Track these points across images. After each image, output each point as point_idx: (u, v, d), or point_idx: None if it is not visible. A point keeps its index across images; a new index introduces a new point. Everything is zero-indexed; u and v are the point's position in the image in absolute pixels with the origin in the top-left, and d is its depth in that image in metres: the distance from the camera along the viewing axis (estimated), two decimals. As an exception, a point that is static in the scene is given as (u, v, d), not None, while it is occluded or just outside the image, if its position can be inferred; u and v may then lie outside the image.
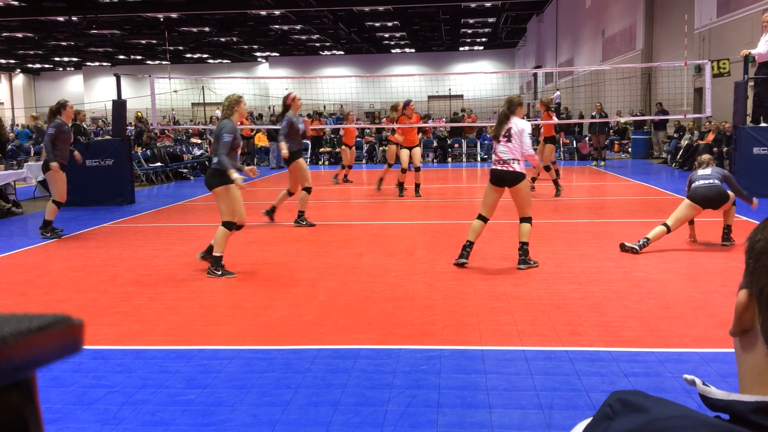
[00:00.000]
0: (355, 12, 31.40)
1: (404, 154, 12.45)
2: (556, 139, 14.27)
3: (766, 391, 0.64)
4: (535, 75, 38.81)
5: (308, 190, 9.33)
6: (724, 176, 7.23)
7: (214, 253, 6.50)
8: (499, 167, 6.36)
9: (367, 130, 23.47)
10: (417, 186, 12.47)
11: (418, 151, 12.61)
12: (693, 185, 7.21)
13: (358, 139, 22.62)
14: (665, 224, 7.12)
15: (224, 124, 6.50)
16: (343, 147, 15.73)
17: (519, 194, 6.39)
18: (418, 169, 12.47)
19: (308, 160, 21.65)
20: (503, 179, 6.36)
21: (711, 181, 7.10)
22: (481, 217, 6.52)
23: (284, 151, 9.02)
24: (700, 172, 7.29)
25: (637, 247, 6.97)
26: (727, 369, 3.81)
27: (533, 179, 12.30)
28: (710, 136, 15.32)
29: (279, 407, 3.48)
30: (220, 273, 6.41)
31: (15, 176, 11.95)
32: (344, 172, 15.67)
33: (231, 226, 6.56)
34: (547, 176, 12.43)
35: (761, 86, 11.42)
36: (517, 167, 6.31)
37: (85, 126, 14.52)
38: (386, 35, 40.42)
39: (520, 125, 6.39)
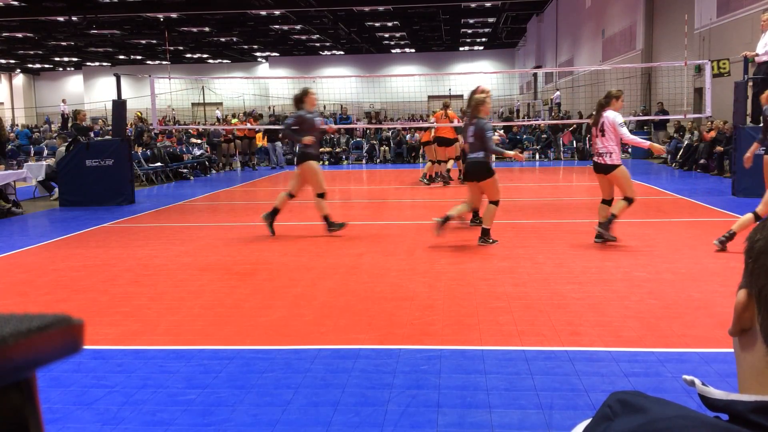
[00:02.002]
0: (355, 12, 31.40)
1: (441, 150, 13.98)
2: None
3: (766, 391, 0.64)
4: (535, 75, 38.81)
5: (322, 196, 8.44)
6: None
7: (485, 226, 7.53)
8: (596, 159, 7.34)
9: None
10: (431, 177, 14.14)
11: (452, 148, 14.12)
12: None
13: (358, 139, 22.64)
14: (754, 212, 6.78)
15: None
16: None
17: (617, 181, 7.25)
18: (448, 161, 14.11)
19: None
20: (599, 169, 7.32)
21: None
22: (604, 201, 7.46)
23: (307, 139, 8.07)
24: None
25: (720, 243, 6.89)
26: (727, 369, 3.81)
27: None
28: (711, 134, 15.30)
29: (279, 407, 3.48)
30: (491, 241, 7.51)
31: (15, 176, 11.95)
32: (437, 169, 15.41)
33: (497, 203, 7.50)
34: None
35: (761, 86, 11.42)
36: (609, 160, 7.19)
37: (85, 125, 14.50)
38: (386, 35, 40.41)
39: (610, 118, 7.17)
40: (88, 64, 48.45)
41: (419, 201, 11.99)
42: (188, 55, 45.16)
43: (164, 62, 45.48)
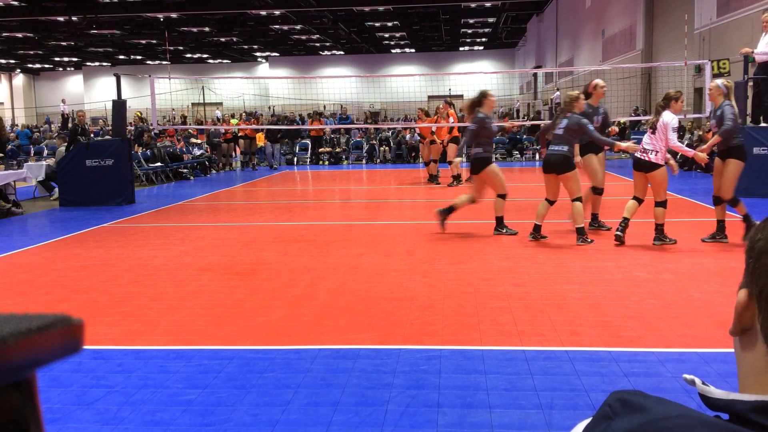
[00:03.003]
0: (355, 12, 31.40)
1: (451, 148, 14.00)
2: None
3: (766, 391, 0.64)
4: (535, 75, 38.81)
5: (503, 197, 8.17)
6: None
7: (578, 226, 7.51)
8: (639, 155, 7.23)
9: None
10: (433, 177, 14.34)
11: (452, 147, 14.18)
12: None
13: (358, 139, 22.64)
14: None
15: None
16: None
17: (654, 180, 7.21)
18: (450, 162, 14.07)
19: (308, 160, 21.68)
20: (640, 165, 7.22)
21: None
22: (636, 199, 7.37)
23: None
24: None
25: None
26: (727, 369, 3.81)
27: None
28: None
29: (279, 407, 3.48)
30: (589, 241, 7.46)
31: (15, 176, 11.95)
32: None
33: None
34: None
35: (761, 86, 11.42)
36: (653, 158, 7.13)
37: (86, 126, 14.50)
38: (386, 35, 40.42)
39: (665, 119, 7.18)
40: (88, 64, 48.45)
41: (419, 201, 11.99)
42: (188, 55, 45.16)
43: (164, 62, 45.48)
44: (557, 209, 8.33)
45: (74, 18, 28.86)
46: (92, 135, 15.38)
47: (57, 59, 46.45)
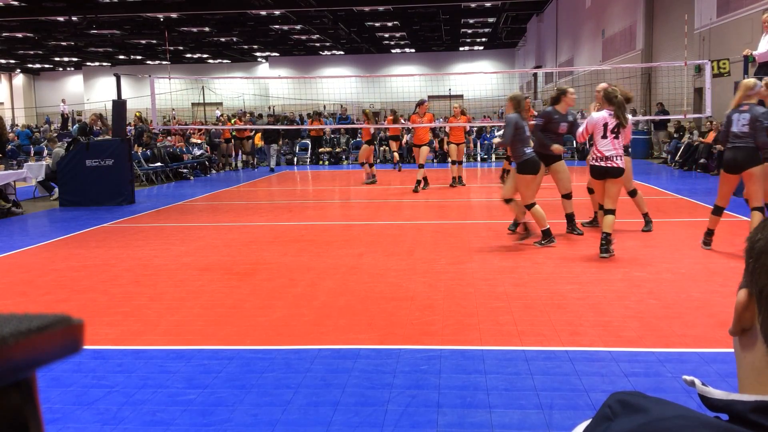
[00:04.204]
0: (355, 12, 31.40)
1: (423, 151, 13.37)
2: None
3: (766, 391, 0.64)
4: (535, 75, 38.81)
5: (568, 196, 8.16)
6: None
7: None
8: (602, 164, 6.72)
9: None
10: (417, 183, 12.93)
11: (424, 150, 13.45)
12: None
13: (358, 139, 22.64)
14: None
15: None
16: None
17: (617, 186, 6.81)
18: (421, 166, 13.21)
19: (308, 160, 21.68)
20: (609, 173, 6.75)
21: None
22: (607, 210, 6.80)
23: (556, 147, 7.84)
24: None
25: None
26: (727, 369, 3.81)
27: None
28: (711, 135, 15.31)
29: (279, 407, 3.48)
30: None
31: (15, 176, 11.95)
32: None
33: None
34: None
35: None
36: (620, 162, 6.76)
37: (92, 127, 14.52)
38: (386, 35, 40.41)
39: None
40: (88, 64, 48.44)
41: (419, 201, 11.99)
42: (188, 55, 45.15)
43: (164, 62, 45.48)
44: (554, 209, 8.33)
45: (74, 18, 28.86)
46: (91, 135, 15.39)
47: (57, 59, 46.44)
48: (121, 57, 44.55)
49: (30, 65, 48.52)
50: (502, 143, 7.90)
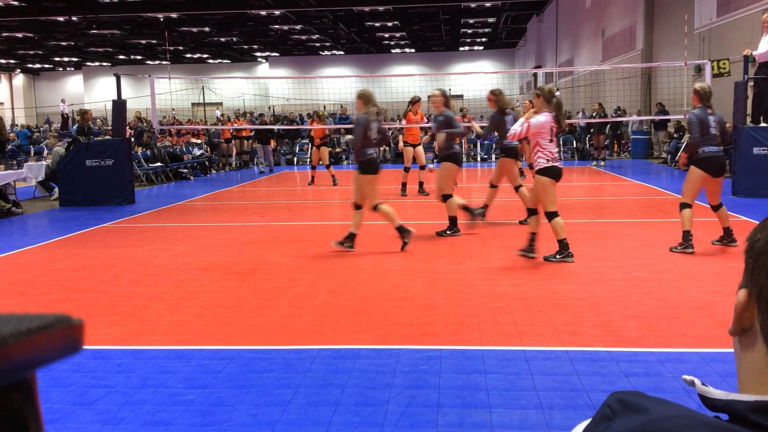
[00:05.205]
0: (355, 12, 31.39)
1: (408, 152, 12.61)
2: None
3: (765, 391, 0.64)
4: (535, 75, 38.79)
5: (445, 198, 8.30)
6: None
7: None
8: (558, 164, 6.70)
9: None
10: (421, 184, 12.73)
11: (420, 150, 12.78)
12: None
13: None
14: None
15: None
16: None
17: (555, 188, 6.79)
18: (423, 167, 12.59)
19: (308, 160, 21.67)
20: (561, 174, 6.76)
21: None
22: (556, 214, 6.69)
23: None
24: None
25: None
26: (727, 369, 3.81)
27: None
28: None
29: (279, 407, 3.48)
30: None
31: (15, 176, 11.95)
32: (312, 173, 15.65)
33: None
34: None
35: (761, 86, 11.42)
36: (560, 165, 6.81)
37: (91, 125, 14.52)
38: (386, 35, 40.41)
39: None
40: (88, 64, 48.44)
41: (419, 201, 11.98)
42: (188, 55, 45.14)
43: (164, 62, 45.48)
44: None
45: (74, 18, 28.86)
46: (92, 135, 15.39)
47: (57, 59, 46.44)
48: (121, 57, 44.56)
49: (30, 65, 48.53)
50: (353, 144, 7.74)
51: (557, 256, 6.65)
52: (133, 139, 15.93)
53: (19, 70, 49.74)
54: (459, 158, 8.19)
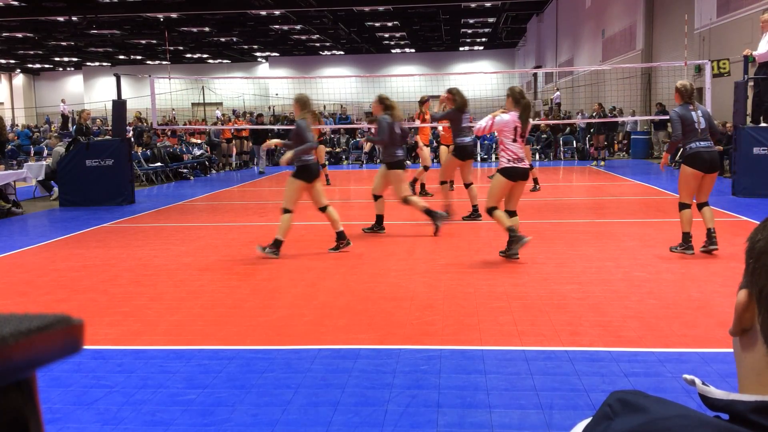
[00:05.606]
0: (355, 12, 31.40)
1: (426, 151, 12.84)
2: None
3: (766, 391, 0.64)
4: (535, 75, 38.82)
5: (405, 201, 8.53)
6: None
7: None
8: (520, 165, 6.70)
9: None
10: (422, 186, 12.71)
11: (428, 151, 12.98)
12: None
13: (358, 139, 22.63)
14: None
15: None
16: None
17: (523, 187, 6.89)
18: (426, 168, 12.64)
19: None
20: (524, 175, 6.79)
21: None
22: (508, 211, 6.79)
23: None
24: None
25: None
26: (727, 369, 3.81)
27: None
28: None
29: (279, 407, 3.48)
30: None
31: (15, 176, 11.95)
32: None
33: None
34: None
35: (761, 86, 11.42)
36: (527, 164, 6.87)
37: (88, 125, 14.52)
38: (386, 35, 40.41)
39: (533, 122, 6.98)
40: (88, 64, 48.44)
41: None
42: (188, 55, 45.15)
43: (164, 62, 45.47)
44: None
45: (74, 18, 28.86)
46: (92, 135, 15.39)
47: (57, 59, 46.45)
48: (121, 57, 44.56)
49: (30, 65, 48.53)
50: (302, 150, 7.66)
51: (510, 248, 6.72)
52: (133, 139, 15.93)
53: (19, 70, 49.75)
54: (401, 164, 8.37)
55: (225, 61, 49.08)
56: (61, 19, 29.70)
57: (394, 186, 8.29)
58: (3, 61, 44.42)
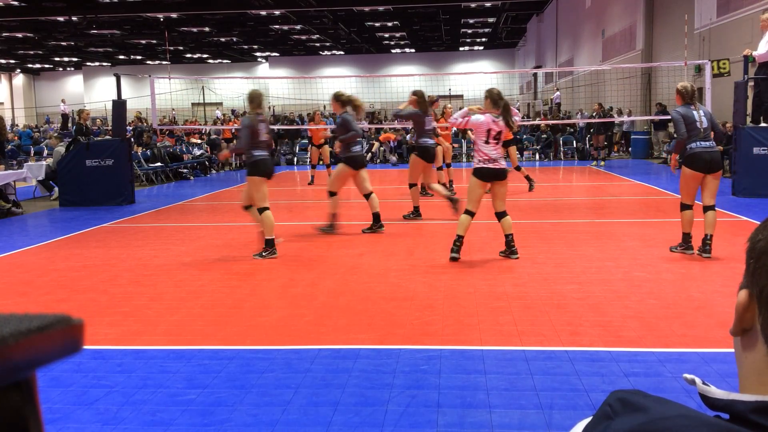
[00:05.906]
0: (355, 12, 31.40)
1: (440, 151, 12.66)
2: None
3: (766, 391, 0.64)
4: (535, 75, 38.82)
5: (368, 197, 8.81)
6: None
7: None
8: (492, 165, 6.65)
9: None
10: (423, 188, 12.69)
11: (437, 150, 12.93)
12: None
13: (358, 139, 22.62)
14: None
15: None
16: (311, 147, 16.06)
17: (504, 188, 6.85)
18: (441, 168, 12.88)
19: (308, 160, 21.66)
20: (497, 175, 6.71)
21: None
22: (470, 213, 6.79)
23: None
24: None
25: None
26: (727, 369, 3.81)
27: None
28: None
29: (279, 407, 3.48)
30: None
31: (15, 176, 11.95)
32: (311, 173, 15.99)
33: None
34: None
35: (761, 86, 11.42)
36: (504, 164, 6.81)
37: (88, 125, 14.51)
38: (386, 35, 40.42)
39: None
40: (88, 64, 48.45)
41: (422, 201, 11.96)
42: (188, 55, 45.16)
43: (164, 62, 45.49)
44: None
45: (74, 18, 28.86)
46: (91, 135, 15.39)
47: (57, 59, 46.45)
48: (121, 57, 44.56)
49: (30, 65, 48.54)
50: (237, 149, 7.86)
51: (507, 249, 6.85)
52: (133, 139, 15.93)
53: (19, 70, 49.76)
54: (360, 160, 8.55)
55: (225, 61, 49.09)
56: (61, 19, 29.71)
57: (356, 182, 8.56)
58: (3, 61, 44.43)
